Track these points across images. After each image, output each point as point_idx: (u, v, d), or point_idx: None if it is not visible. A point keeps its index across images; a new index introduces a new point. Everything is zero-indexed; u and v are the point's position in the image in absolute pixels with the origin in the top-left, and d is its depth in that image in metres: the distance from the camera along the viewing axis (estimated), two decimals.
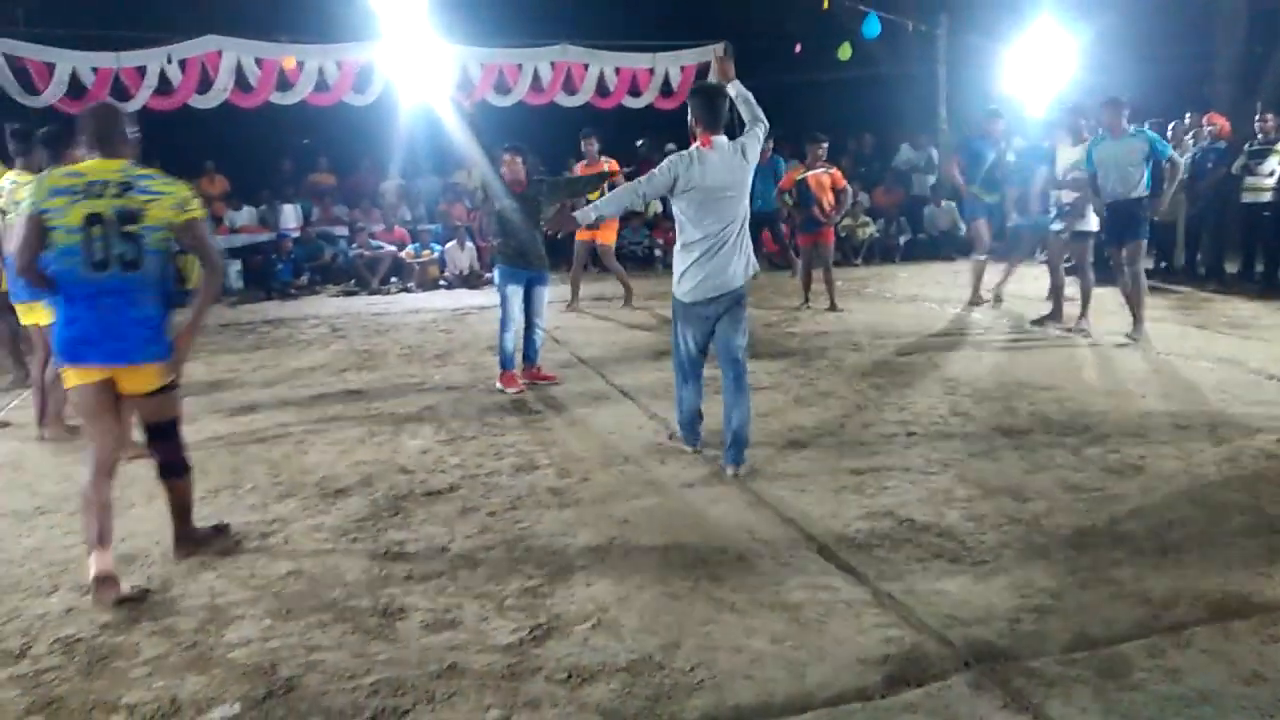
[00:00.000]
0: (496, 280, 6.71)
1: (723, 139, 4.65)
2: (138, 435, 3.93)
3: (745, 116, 4.84)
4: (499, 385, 6.58)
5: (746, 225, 4.74)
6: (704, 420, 5.03)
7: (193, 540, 3.89)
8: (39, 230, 3.52)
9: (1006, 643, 2.94)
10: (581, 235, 9.60)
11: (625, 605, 3.29)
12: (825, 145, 9.76)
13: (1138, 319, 7.50)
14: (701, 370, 4.91)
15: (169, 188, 3.59)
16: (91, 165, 3.59)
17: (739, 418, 4.66)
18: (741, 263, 4.68)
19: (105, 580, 3.46)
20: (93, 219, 3.46)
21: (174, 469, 3.84)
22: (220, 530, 4.04)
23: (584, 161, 9.94)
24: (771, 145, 11.24)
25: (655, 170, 4.69)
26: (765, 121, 4.83)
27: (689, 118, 4.72)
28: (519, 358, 6.71)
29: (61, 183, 3.52)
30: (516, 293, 6.54)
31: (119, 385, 3.62)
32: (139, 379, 3.61)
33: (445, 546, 3.87)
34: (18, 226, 3.62)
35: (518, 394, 6.44)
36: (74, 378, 3.60)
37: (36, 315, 5.43)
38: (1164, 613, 3.11)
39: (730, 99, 4.80)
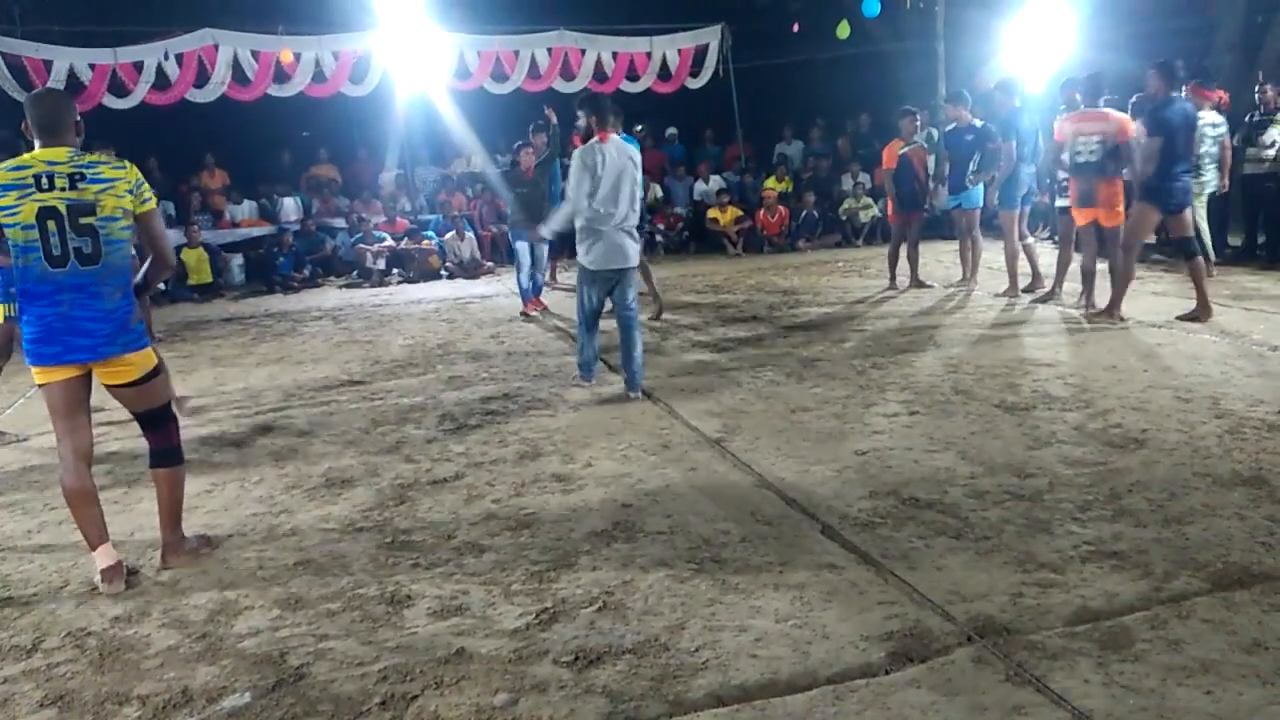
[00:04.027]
0: (510, 238, 9.85)
1: (615, 136, 5.76)
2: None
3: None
4: (523, 312, 9.24)
5: (636, 216, 5.80)
6: (599, 365, 6.35)
7: (181, 550, 3.73)
8: None
9: (1009, 617, 2.96)
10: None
11: (630, 588, 3.31)
12: (920, 117, 9.56)
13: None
14: (598, 322, 6.07)
15: (119, 173, 3.47)
16: (36, 156, 3.43)
17: (636, 356, 5.92)
18: (632, 246, 5.80)
19: (113, 569, 3.52)
20: (46, 213, 3.34)
21: (166, 456, 3.70)
22: (208, 540, 3.88)
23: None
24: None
25: (571, 171, 5.68)
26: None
27: (586, 121, 5.72)
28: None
29: (8, 179, 3.36)
30: (524, 247, 9.11)
31: (99, 378, 3.55)
32: (115, 372, 3.53)
33: (451, 534, 3.89)
34: None
35: (542, 311, 9.25)
36: (40, 376, 3.49)
37: None
38: (1165, 585, 3.12)
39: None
